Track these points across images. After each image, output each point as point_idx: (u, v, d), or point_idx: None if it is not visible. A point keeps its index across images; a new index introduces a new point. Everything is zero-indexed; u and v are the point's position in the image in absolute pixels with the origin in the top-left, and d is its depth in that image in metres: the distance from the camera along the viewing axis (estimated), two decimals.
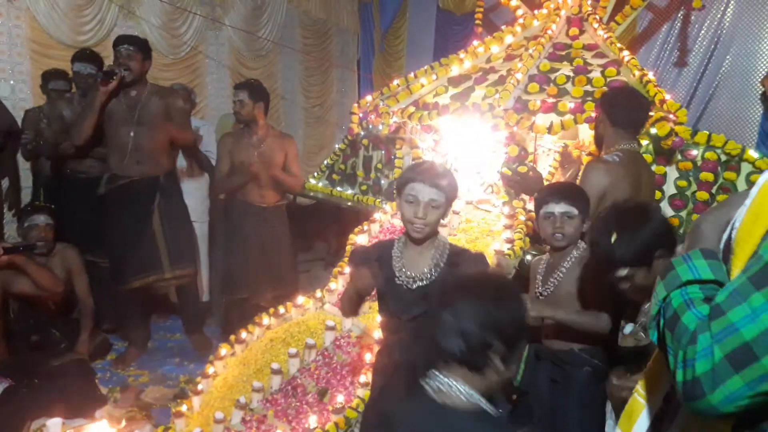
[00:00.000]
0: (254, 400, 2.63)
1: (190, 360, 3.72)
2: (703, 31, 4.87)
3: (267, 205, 3.83)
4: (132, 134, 3.56)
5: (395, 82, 4.48)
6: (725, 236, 0.97)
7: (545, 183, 2.99)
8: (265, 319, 3.03)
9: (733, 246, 0.92)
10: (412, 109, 4.07)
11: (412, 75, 4.39)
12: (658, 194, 3.23)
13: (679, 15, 4.93)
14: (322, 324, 2.89)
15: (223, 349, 2.93)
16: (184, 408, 2.69)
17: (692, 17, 4.88)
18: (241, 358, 2.90)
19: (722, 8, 4.76)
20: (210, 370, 2.85)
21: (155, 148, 3.62)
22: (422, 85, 4.21)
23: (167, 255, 3.65)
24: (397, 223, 3.52)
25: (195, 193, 4.18)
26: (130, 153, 3.57)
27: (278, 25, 6.34)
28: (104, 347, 3.77)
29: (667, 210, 3.25)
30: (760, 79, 4.62)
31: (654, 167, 3.24)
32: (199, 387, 2.76)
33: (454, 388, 1.18)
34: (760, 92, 4.64)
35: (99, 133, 3.60)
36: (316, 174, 4.77)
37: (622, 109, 2.60)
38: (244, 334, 2.96)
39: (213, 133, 4.84)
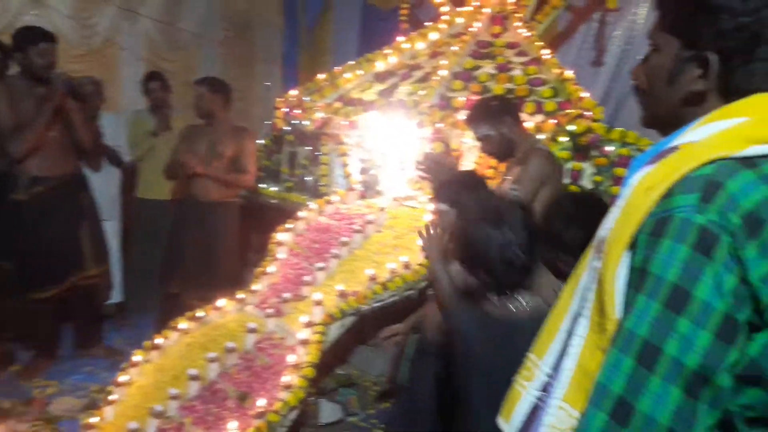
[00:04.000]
0: (171, 407, 2.50)
1: (102, 368, 3.51)
2: (618, 32, 5.04)
3: (211, 200, 3.73)
4: (52, 133, 3.38)
5: (320, 76, 4.41)
6: (598, 235, 0.99)
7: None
8: (183, 324, 2.90)
9: (606, 246, 0.94)
10: (337, 104, 4.02)
11: (337, 70, 4.34)
12: (576, 189, 3.31)
13: (596, 16, 5.09)
14: (243, 326, 2.80)
15: (138, 356, 2.78)
16: (95, 419, 2.53)
17: (609, 18, 5.05)
18: (157, 364, 2.77)
19: (635, 9, 4.94)
20: (123, 378, 2.70)
21: (69, 146, 3.46)
22: (348, 81, 4.16)
23: (90, 252, 3.54)
24: (323, 220, 3.47)
25: (103, 190, 3.99)
26: (50, 153, 3.38)
27: (198, 17, 6.12)
28: (6, 358, 3.51)
29: None
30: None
31: (572, 163, 3.32)
32: (112, 396, 2.61)
33: None
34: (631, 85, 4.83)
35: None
36: None
37: (516, 106, 2.84)
38: (159, 340, 2.82)
39: (126, 127, 4.62)
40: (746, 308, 0.84)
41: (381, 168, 3.80)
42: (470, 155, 3.98)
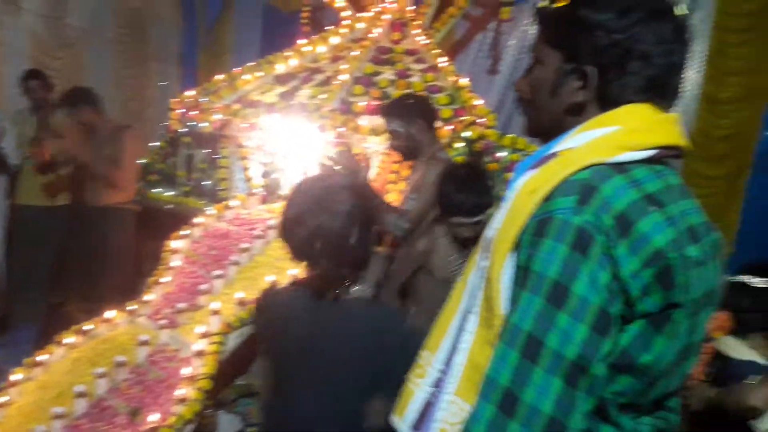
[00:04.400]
0: (55, 427, 2.35)
1: None
2: (512, 41, 5.25)
3: (100, 205, 3.54)
4: None
5: (219, 77, 4.30)
6: (485, 235, 1.06)
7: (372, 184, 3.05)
8: (68, 338, 2.74)
9: (493, 246, 1.01)
10: (236, 106, 3.94)
11: (236, 70, 4.25)
12: None
13: (492, 25, 5.28)
14: (134, 339, 2.68)
15: (18, 374, 2.60)
16: None
17: (503, 28, 5.25)
18: (39, 382, 2.60)
19: (527, 21, 5.17)
20: (1, 399, 2.51)
21: None
22: (247, 82, 4.09)
23: None
24: (222, 226, 3.38)
25: None
26: None
27: (87, 12, 5.80)
28: None
29: None
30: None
31: None
32: None
33: None
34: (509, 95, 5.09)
35: None
36: None
37: (433, 112, 2.95)
38: (42, 356, 2.65)
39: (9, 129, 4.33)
40: (618, 302, 0.92)
41: (283, 172, 3.76)
42: (373, 160, 4.02)
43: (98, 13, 5.99)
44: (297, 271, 2.91)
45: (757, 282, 1.82)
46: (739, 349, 1.82)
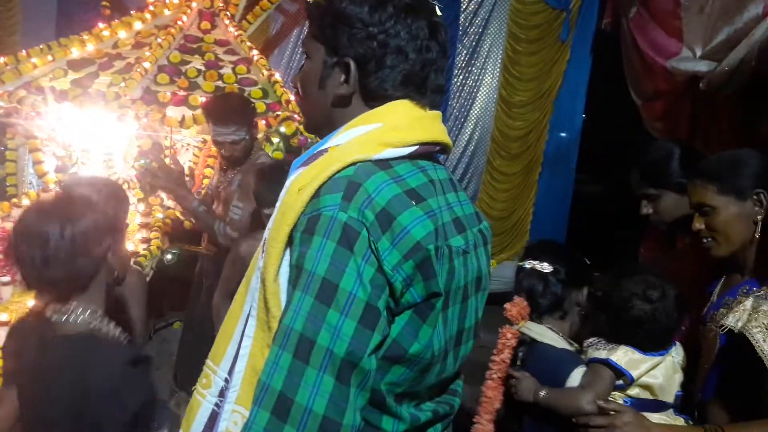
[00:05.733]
0: None
1: None
2: None
3: None
4: None
5: (0, 59, 3.84)
6: (265, 235, 1.05)
7: (186, 178, 2.91)
8: None
9: (267, 246, 1.00)
10: (22, 92, 3.55)
11: (23, 53, 3.82)
12: None
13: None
14: None
15: None
16: None
17: None
18: None
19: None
20: None
21: None
22: (35, 66, 3.70)
23: None
24: (9, 226, 3.04)
25: None
26: None
27: None
28: None
29: None
30: None
31: None
32: None
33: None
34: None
35: None
36: None
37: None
38: None
39: None
40: (384, 295, 0.94)
41: (83, 166, 3.47)
42: (185, 154, 3.87)
43: None
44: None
45: (545, 267, 1.91)
46: (541, 332, 1.91)
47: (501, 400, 1.81)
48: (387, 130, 1.04)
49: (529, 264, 1.97)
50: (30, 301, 2.54)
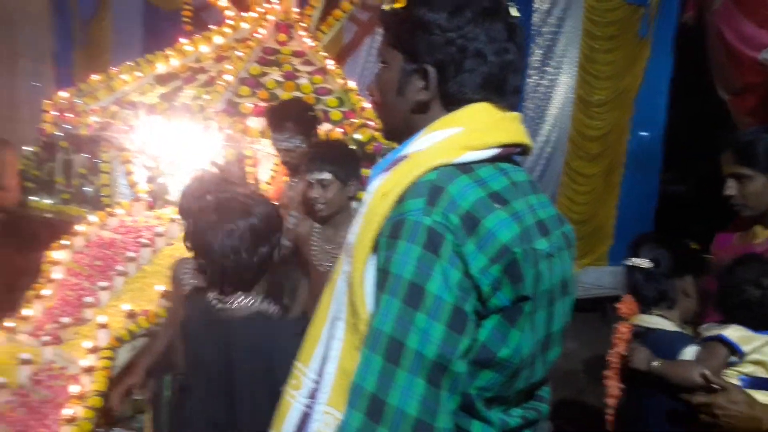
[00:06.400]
0: None
1: None
2: None
3: None
4: None
5: (95, 77, 4.11)
6: (347, 240, 1.07)
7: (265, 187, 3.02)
8: None
9: (353, 250, 1.02)
10: (114, 108, 3.78)
11: (114, 70, 4.07)
12: (361, 194, 3.49)
13: (379, 29, 5.37)
14: (14, 358, 2.52)
15: None
16: None
17: None
18: None
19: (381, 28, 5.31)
20: None
21: None
22: (125, 82, 3.93)
23: None
24: (107, 235, 3.24)
25: None
26: None
27: None
28: None
29: None
30: None
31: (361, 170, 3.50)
32: None
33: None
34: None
35: None
36: None
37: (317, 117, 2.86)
38: None
39: None
40: (471, 299, 0.95)
41: (170, 176, 3.65)
42: (266, 163, 3.99)
43: None
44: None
45: (645, 263, 2.01)
46: (652, 321, 2.02)
47: (620, 390, 1.98)
48: (468, 133, 1.05)
49: (630, 262, 2.07)
50: (125, 305, 2.70)
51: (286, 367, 1.21)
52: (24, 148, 4.21)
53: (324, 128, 3.57)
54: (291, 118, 2.74)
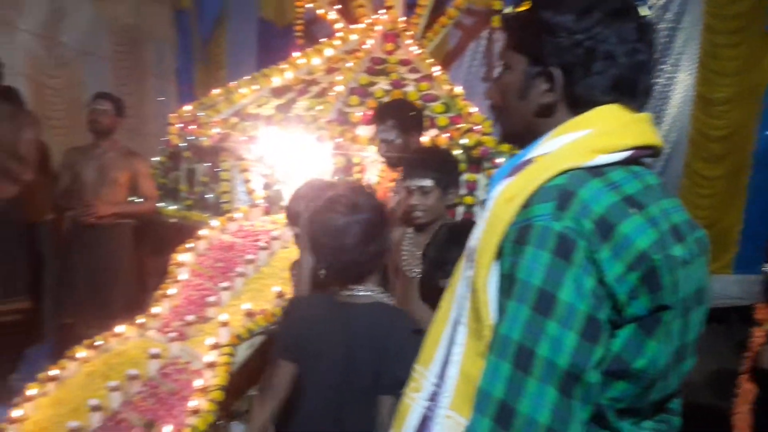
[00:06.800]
0: None
1: None
2: None
3: (99, 223, 3.58)
4: None
5: (215, 91, 4.37)
6: (468, 245, 1.06)
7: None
8: (81, 352, 2.78)
9: (476, 255, 1.01)
10: (234, 119, 4.00)
11: (233, 84, 4.31)
12: (471, 199, 3.48)
13: (484, 33, 5.35)
14: (145, 352, 2.71)
15: (32, 389, 2.64)
16: None
17: (496, 35, 5.32)
18: (54, 397, 2.63)
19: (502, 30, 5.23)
20: (17, 413, 2.55)
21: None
22: (243, 95, 4.15)
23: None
24: (227, 238, 3.43)
25: None
26: None
27: (82, 31, 5.86)
28: None
29: (479, 214, 3.52)
30: None
31: (467, 175, 3.50)
32: None
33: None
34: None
35: None
36: None
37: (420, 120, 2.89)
38: (55, 371, 2.69)
39: None
40: (606, 307, 0.92)
41: (284, 183, 3.81)
42: (373, 169, 4.08)
43: (93, 32, 6.04)
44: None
45: None
46: None
47: (755, 392, 1.96)
48: (598, 135, 1.02)
49: (765, 267, 2.08)
50: (244, 305, 2.85)
51: (398, 355, 1.24)
52: (152, 159, 4.54)
53: (430, 134, 3.60)
54: (392, 112, 2.86)
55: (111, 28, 6.26)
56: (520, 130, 1.14)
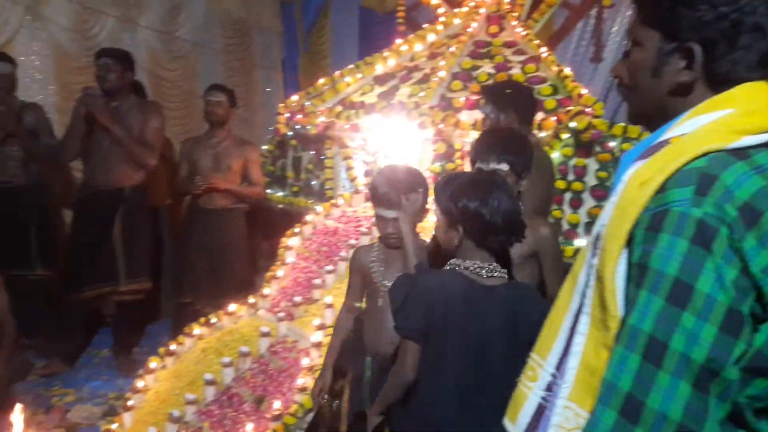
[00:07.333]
0: (188, 412, 2.55)
1: (118, 376, 3.57)
2: (615, 27, 5.08)
3: (216, 207, 3.79)
4: (104, 145, 3.55)
5: (321, 81, 4.46)
6: (594, 231, 1.00)
7: None
8: (197, 329, 2.95)
9: (603, 242, 0.95)
10: (339, 108, 4.07)
11: (337, 74, 4.39)
12: (579, 185, 3.35)
13: (593, 12, 5.13)
14: (256, 331, 2.84)
15: (153, 363, 2.83)
16: (114, 426, 2.58)
17: (605, 14, 5.08)
18: (172, 370, 2.82)
19: (628, 5, 4.98)
20: (140, 384, 2.75)
21: (124, 160, 3.59)
22: (348, 84, 4.21)
23: (124, 267, 3.63)
24: (331, 224, 3.51)
25: None
26: (99, 163, 3.58)
27: (197, 26, 6.17)
28: (24, 369, 3.56)
29: (588, 200, 3.38)
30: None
31: (575, 160, 3.37)
32: (130, 403, 2.66)
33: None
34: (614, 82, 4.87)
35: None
36: None
37: (532, 107, 2.76)
38: (174, 346, 2.87)
39: None
40: (749, 300, 0.85)
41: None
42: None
43: (207, 26, 6.35)
44: None
45: None
46: None
47: None
48: (742, 115, 0.93)
49: None
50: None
51: (528, 331, 1.22)
52: (260, 147, 4.71)
53: (538, 117, 3.49)
54: (493, 87, 2.86)
55: (222, 21, 6.55)
56: (651, 111, 1.07)
